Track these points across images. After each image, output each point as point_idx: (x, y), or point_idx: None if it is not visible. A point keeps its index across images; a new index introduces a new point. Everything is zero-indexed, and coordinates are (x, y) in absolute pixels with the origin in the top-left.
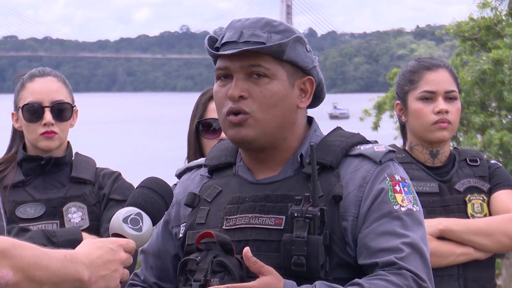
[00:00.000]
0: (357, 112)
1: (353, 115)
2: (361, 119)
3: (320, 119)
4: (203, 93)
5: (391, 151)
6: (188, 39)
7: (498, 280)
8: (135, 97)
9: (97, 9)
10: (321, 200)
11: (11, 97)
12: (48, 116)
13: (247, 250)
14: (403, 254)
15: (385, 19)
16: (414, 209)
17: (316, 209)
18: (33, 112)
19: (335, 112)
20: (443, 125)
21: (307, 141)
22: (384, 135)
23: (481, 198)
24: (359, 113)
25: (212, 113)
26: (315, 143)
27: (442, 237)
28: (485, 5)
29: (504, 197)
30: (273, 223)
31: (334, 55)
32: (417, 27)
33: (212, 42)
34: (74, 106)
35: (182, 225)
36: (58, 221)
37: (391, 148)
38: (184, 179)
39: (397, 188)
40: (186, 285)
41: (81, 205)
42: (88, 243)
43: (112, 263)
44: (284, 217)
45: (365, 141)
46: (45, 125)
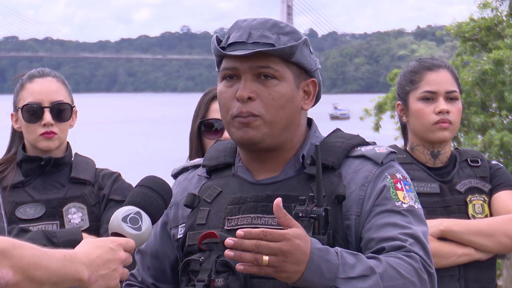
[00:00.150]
0: (357, 112)
1: (353, 116)
2: (361, 119)
3: (321, 120)
4: (206, 93)
5: (392, 152)
6: (188, 40)
7: (499, 280)
8: (136, 98)
9: (98, 9)
10: (324, 200)
11: (11, 97)
12: (47, 116)
13: (279, 201)
14: (407, 243)
15: (386, 20)
16: (415, 206)
17: (320, 209)
18: (32, 112)
19: (335, 112)
20: (444, 125)
21: (308, 142)
22: (385, 135)
23: (482, 198)
24: (360, 113)
25: (214, 113)
26: (317, 143)
27: (443, 237)
28: (485, 5)
29: (505, 197)
30: (275, 223)
31: (334, 55)
32: (418, 27)
33: (218, 42)
34: (73, 106)
35: (180, 226)
36: (58, 222)
37: (392, 149)
38: (181, 179)
39: (399, 185)
40: (189, 285)
41: (81, 205)
42: (87, 243)
43: (111, 262)
44: None
45: (364, 143)
46: (44, 125)
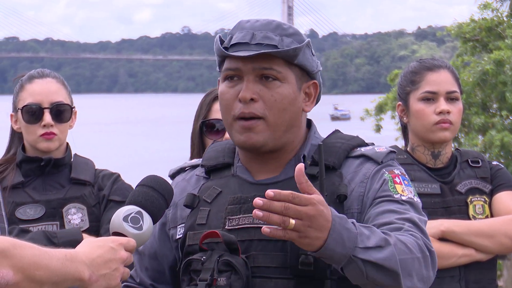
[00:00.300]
0: (358, 113)
1: (354, 116)
2: (362, 119)
3: (321, 120)
4: (207, 94)
5: (392, 152)
6: (189, 40)
7: (499, 281)
8: (137, 98)
9: (98, 9)
10: (325, 199)
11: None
12: (47, 117)
13: (302, 166)
14: (404, 225)
15: (386, 20)
16: (414, 199)
17: None
18: (32, 113)
19: (336, 113)
20: (445, 125)
21: (308, 143)
22: (385, 136)
23: (482, 199)
24: (361, 114)
25: (216, 114)
26: (316, 144)
27: (443, 238)
28: (486, 6)
29: (505, 198)
30: None
31: (335, 56)
32: (419, 28)
33: (221, 42)
34: (73, 107)
35: (179, 227)
36: (58, 222)
37: (391, 148)
38: (178, 180)
39: (397, 180)
40: (190, 285)
41: (80, 206)
42: (88, 242)
43: (112, 262)
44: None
45: (364, 144)
46: (44, 126)
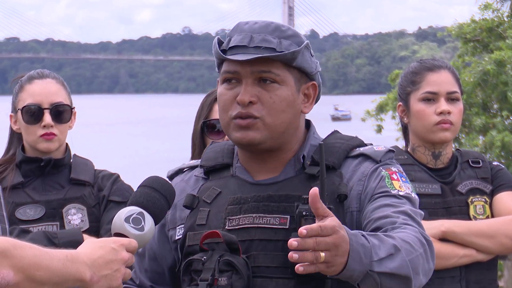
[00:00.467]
0: (359, 113)
1: (355, 117)
2: (363, 120)
3: (322, 121)
4: (208, 94)
5: (391, 151)
6: (190, 41)
7: (500, 281)
8: (137, 99)
9: (99, 10)
10: (326, 199)
11: None
12: (47, 118)
13: (316, 190)
14: (399, 219)
15: (386, 20)
16: (412, 195)
17: None
18: (32, 114)
19: (337, 113)
20: (445, 126)
21: (308, 143)
22: (386, 136)
23: (483, 200)
24: (361, 114)
25: (217, 114)
26: (315, 145)
27: (444, 239)
28: (486, 7)
29: (506, 198)
30: (277, 222)
31: (336, 56)
32: (419, 28)
33: (219, 44)
34: (73, 108)
35: (178, 227)
36: (58, 223)
37: (390, 148)
38: (177, 181)
39: (394, 176)
40: (191, 285)
41: (80, 206)
42: (89, 243)
43: (114, 262)
44: (288, 217)
45: (363, 144)
46: (44, 127)
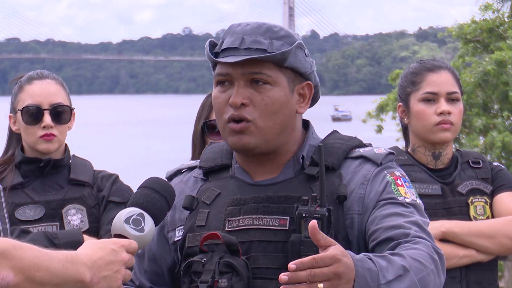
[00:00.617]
0: (359, 114)
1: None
2: (364, 121)
3: (322, 121)
4: (209, 95)
5: (391, 153)
6: (190, 41)
7: (500, 282)
8: (138, 99)
9: (99, 10)
10: (325, 200)
11: None
12: (47, 119)
13: (315, 223)
14: (412, 230)
15: (387, 21)
16: (417, 201)
17: (324, 209)
18: (32, 114)
19: (337, 114)
20: (446, 126)
21: (307, 143)
22: (386, 136)
23: (483, 200)
24: (362, 114)
25: None
26: (314, 145)
27: (444, 239)
28: (487, 7)
29: (506, 199)
30: (277, 223)
31: (336, 57)
32: (420, 29)
33: (212, 47)
34: (72, 108)
35: (177, 229)
36: (57, 223)
37: (390, 150)
38: (176, 182)
39: (399, 182)
40: (191, 287)
41: (80, 207)
42: (90, 244)
43: (114, 264)
44: (288, 218)
45: (362, 145)
46: (44, 127)
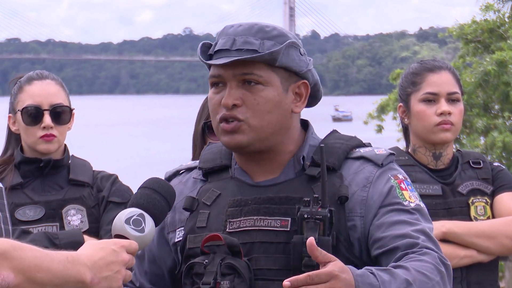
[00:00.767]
0: (360, 114)
1: (356, 118)
2: (365, 123)
3: (323, 121)
4: None
5: (392, 154)
6: (191, 42)
7: (501, 282)
8: (138, 100)
9: (100, 11)
10: (326, 201)
11: None
12: (47, 119)
13: (313, 240)
14: (419, 240)
15: (388, 21)
16: (421, 205)
17: (326, 211)
18: (32, 115)
19: (338, 114)
20: (446, 126)
21: (307, 143)
22: (387, 137)
23: (484, 200)
24: (362, 115)
25: None
26: (314, 145)
27: (445, 239)
28: (488, 7)
29: (507, 199)
30: (279, 225)
31: (337, 57)
32: (420, 29)
33: (206, 48)
34: (72, 109)
35: (178, 230)
36: (57, 224)
37: (391, 151)
38: (175, 183)
39: (403, 185)
40: None
41: (80, 207)
42: (90, 245)
43: (114, 264)
44: (289, 219)
45: (362, 144)
46: (44, 128)
